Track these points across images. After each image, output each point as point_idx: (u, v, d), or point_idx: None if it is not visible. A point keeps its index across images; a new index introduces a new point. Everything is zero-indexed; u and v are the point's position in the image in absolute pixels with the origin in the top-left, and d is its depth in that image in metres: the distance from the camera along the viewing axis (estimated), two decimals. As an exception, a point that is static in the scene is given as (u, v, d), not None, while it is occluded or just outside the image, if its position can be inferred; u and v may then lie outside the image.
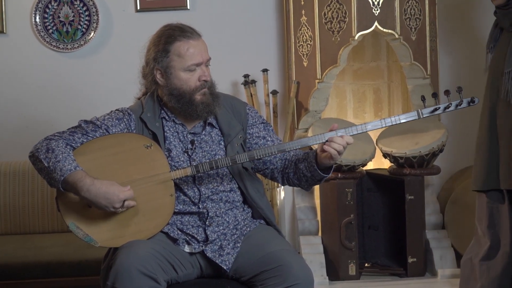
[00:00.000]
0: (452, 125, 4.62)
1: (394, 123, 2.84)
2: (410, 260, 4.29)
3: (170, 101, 2.90)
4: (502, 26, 3.50)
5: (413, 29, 4.29)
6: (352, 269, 4.25)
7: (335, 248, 4.29)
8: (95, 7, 4.61)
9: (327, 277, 4.26)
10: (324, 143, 2.79)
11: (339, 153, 2.77)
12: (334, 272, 4.29)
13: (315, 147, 4.13)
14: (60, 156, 2.75)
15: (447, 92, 2.85)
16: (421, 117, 2.83)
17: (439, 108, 2.84)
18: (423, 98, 2.89)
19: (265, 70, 4.55)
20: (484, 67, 3.65)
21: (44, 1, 4.61)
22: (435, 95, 2.87)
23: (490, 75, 3.52)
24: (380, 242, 4.48)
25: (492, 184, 3.48)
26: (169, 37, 2.87)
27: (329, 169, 2.88)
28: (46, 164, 2.75)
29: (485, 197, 3.54)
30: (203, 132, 2.94)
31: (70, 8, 4.64)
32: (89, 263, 3.72)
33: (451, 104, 2.83)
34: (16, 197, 4.28)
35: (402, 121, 2.84)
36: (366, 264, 4.48)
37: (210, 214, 2.87)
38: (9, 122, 4.65)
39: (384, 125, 2.84)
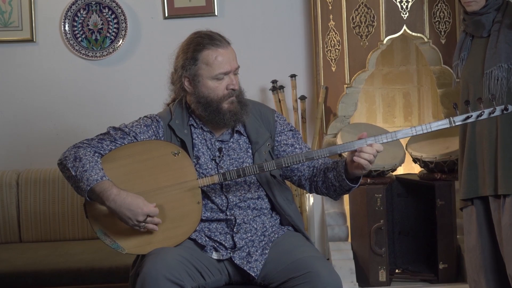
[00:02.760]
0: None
1: (425, 131, 2.80)
2: (441, 266, 4.25)
3: (198, 109, 2.90)
4: (474, 34, 3.53)
5: (442, 33, 4.25)
6: (382, 275, 4.22)
7: (365, 254, 4.26)
8: (124, 15, 4.64)
9: (357, 283, 4.23)
10: (353, 152, 2.74)
11: (370, 162, 2.73)
12: (364, 278, 4.26)
13: (344, 155, 4.12)
14: (88, 166, 2.76)
15: (479, 100, 2.81)
16: (453, 125, 2.79)
17: (472, 116, 2.80)
18: (455, 106, 2.85)
19: (293, 76, 4.54)
20: (454, 78, 3.67)
21: (73, 9, 4.65)
22: (467, 103, 2.83)
23: (465, 83, 3.53)
24: (411, 248, 4.45)
25: (475, 192, 3.53)
26: (198, 45, 2.86)
27: (358, 179, 2.85)
28: (73, 173, 2.77)
29: (473, 209, 3.57)
30: (231, 139, 2.94)
31: (98, 16, 4.67)
32: (119, 270, 3.73)
33: (483, 112, 2.79)
34: (46, 205, 4.31)
35: (434, 129, 2.80)
36: (396, 270, 4.44)
37: (237, 221, 2.86)
38: (39, 130, 4.69)
39: (414, 133, 2.80)
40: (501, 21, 3.44)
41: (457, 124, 2.79)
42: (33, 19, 4.64)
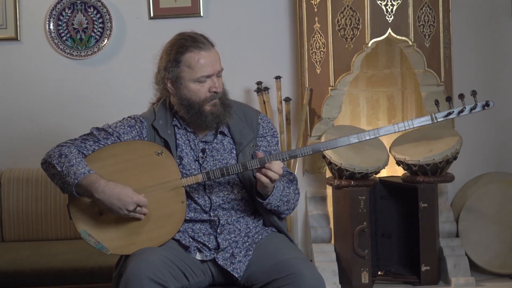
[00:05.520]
0: (466, 132, 4.59)
1: (407, 127, 2.81)
2: (423, 268, 4.27)
3: (180, 110, 2.90)
4: None
5: (427, 36, 4.27)
6: (365, 277, 4.23)
7: (348, 256, 4.27)
8: (109, 14, 4.63)
9: (340, 285, 4.24)
10: (260, 169, 2.76)
11: (272, 180, 2.75)
12: (347, 280, 4.27)
13: (327, 152, 4.14)
14: (74, 161, 2.76)
15: (461, 96, 2.83)
16: (435, 121, 2.80)
17: (453, 112, 2.81)
18: (436, 103, 2.86)
19: (278, 77, 4.54)
20: None
21: (58, 8, 4.63)
22: (449, 99, 2.84)
23: None
24: (393, 250, 4.46)
25: None
26: (181, 47, 2.86)
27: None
28: (59, 169, 2.76)
29: None
30: (215, 140, 2.94)
31: (83, 15, 4.65)
32: (102, 270, 3.71)
33: (465, 108, 2.81)
34: (29, 204, 4.28)
35: (416, 125, 2.81)
36: (379, 272, 4.45)
37: (221, 222, 2.87)
38: (22, 129, 4.67)
39: (397, 130, 2.81)
40: None
41: (439, 120, 2.80)
42: (17, 17, 4.62)
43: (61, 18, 4.64)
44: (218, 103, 2.88)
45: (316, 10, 4.40)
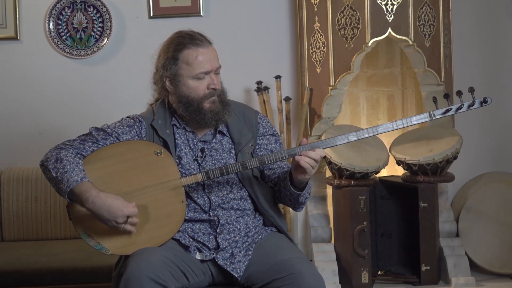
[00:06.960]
0: (467, 132, 4.59)
1: (405, 125, 2.80)
2: (423, 268, 4.26)
3: (179, 108, 2.89)
4: None
5: (427, 36, 4.27)
6: (365, 277, 4.22)
7: (348, 256, 4.27)
8: (109, 14, 4.62)
9: (340, 285, 4.24)
10: (296, 156, 2.75)
11: (312, 166, 2.74)
12: (347, 280, 4.27)
13: (327, 152, 4.13)
14: (68, 167, 2.74)
15: (459, 93, 2.82)
16: (433, 118, 2.79)
17: (451, 109, 2.81)
18: (434, 100, 2.86)
19: (278, 77, 4.54)
20: None
21: (58, 7, 4.63)
22: (447, 96, 2.84)
23: None
24: (393, 250, 4.46)
25: None
26: (178, 44, 2.87)
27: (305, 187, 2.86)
28: (54, 175, 2.75)
29: None
30: (214, 140, 2.94)
31: (83, 15, 4.65)
32: (101, 270, 3.70)
33: (463, 104, 2.80)
34: (29, 203, 4.28)
35: (414, 122, 2.81)
36: (379, 272, 4.45)
37: (221, 221, 2.86)
38: (22, 128, 4.66)
39: (395, 127, 2.80)
40: None
41: (437, 117, 2.80)
42: (17, 17, 4.62)
43: (61, 17, 4.64)
44: (217, 100, 2.88)
45: (316, 9, 4.40)
